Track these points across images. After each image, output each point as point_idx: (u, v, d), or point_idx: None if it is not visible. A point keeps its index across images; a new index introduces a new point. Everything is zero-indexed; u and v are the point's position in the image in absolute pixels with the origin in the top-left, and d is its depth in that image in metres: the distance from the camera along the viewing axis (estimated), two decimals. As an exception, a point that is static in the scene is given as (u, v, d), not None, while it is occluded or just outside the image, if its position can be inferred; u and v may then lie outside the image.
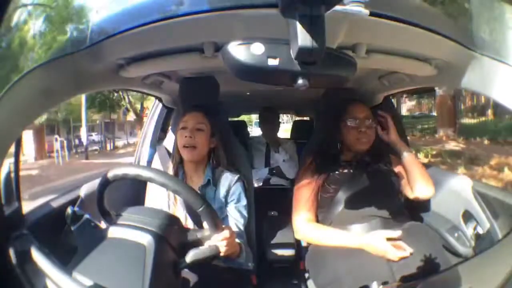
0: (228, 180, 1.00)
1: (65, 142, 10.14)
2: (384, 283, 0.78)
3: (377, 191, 1.00)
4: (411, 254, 0.82)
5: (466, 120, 9.13)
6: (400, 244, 0.84)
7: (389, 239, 0.85)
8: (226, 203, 0.99)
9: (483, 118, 8.72)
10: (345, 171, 1.05)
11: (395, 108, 1.65)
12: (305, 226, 1.01)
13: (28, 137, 9.55)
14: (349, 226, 0.96)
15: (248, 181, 1.13)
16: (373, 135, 1.06)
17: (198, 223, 0.91)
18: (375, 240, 0.85)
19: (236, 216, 0.97)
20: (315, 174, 1.05)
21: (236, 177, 1.01)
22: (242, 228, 0.98)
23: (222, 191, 0.99)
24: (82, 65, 0.69)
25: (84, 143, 10.62)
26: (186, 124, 0.98)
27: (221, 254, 0.70)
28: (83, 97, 9.51)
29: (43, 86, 0.63)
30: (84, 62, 0.69)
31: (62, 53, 0.65)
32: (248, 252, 0.95)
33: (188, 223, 0.94)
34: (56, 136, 10.15)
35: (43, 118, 9.36)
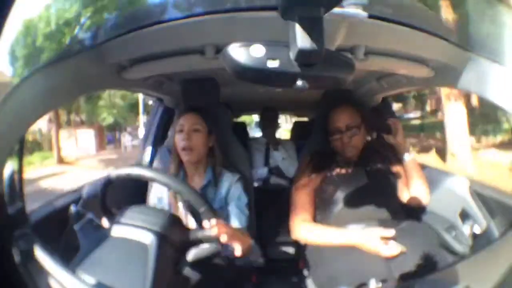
0: (228, 180, 1.01)
1: (130, 137, 13.22)
2: (382, 281, 0.79)
3: (375, 191, 1.01)
4: (402, 252, 0.83)
5: (414, 122, 10.62)
6: (391, 243, 0.84)
7: (382, 238, 0.85)
8: (227, 203, 1.00)
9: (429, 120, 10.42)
10: (343, 171, 1.05)
11: (393, 110, 1.66)
12: (301, 227, 1.01)
13: (88, 135, 12.08)
14: (347, 227, 0.97)
15: (247, 180, 1.14)
16: (360, 141, 1.04)
17: (199, 223, 0.92)
18: (368, 238, 0.86)
19: (238, 215, 0.98)
20: (313, 175, 1.06)
21: (237, 177, 1.02)
22: (244, 225, 0.98)
23: (222, 191, 1.00)
24: (85, 66, 0.70)
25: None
26: (182, 127, 0.98)
27: (223, 241, 0.68)
28: (140, 105, 11.61)
29: (46, 87, 0.64)
30: (86, 63, 0.70)
31: (65, 54, 0.66)
32: (256, 248, 0.95)
33: (189, 222, 0.95)
34: (125, 132, 13.54)
35: (110, 119, 12.36)
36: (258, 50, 0.49)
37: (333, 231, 0.95)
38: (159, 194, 1.00)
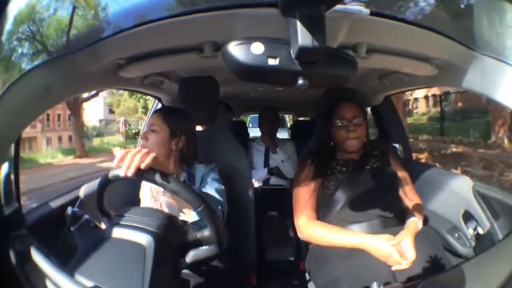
0: (201, 171, 0.96)
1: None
2: (385, 284, 0.77)
3: (377, 190, 1.00)
4: (412, 262, 0.80)
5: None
6: (405, 251, 0.80)
7: (392, 245, 0.82)
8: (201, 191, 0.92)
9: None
10: (344, 169, 1.05)
11: (395, 108, 1.65)
12: (308, 224, 0.98)
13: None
14: (348, 226, 0.96)
15: (247, 181, 1.13)
16: (363, 133, 1.05)
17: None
18: (381, 242, 0.82)
19: (211, 191, 0.90)
20: (314, 173, 1.05)
21: (211, 166, 0.97)
22: (220, 198, 0.89)
23: (197, 183, 0.95)
24: (82, 64, 0.69)
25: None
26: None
27: None
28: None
29: (42, 85, 0.63)
30: (83, 61, 0.69)
31: (61, 52, 0.65)
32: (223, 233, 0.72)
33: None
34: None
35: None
36: (258, 48, 0.48)
37: (342, 231, 0.92)
38: (144, 193, 0.98)
